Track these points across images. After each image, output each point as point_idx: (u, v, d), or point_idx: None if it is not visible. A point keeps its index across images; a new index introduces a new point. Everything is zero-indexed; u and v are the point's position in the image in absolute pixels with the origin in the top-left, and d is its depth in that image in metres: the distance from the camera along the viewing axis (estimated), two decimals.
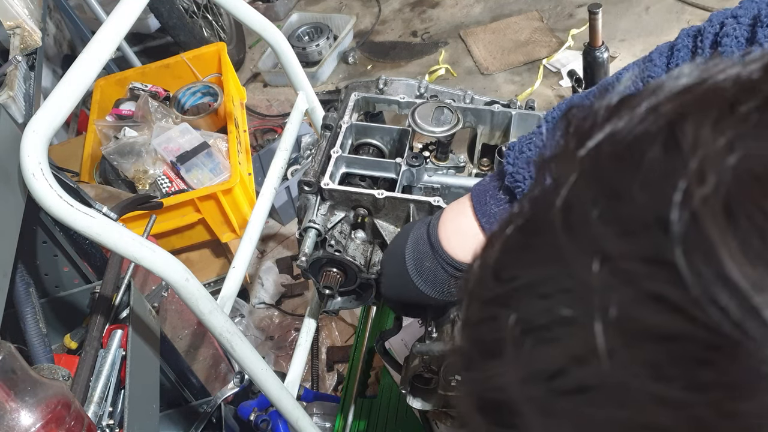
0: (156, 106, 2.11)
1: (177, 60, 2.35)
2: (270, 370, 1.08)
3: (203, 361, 1.62)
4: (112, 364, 1.03)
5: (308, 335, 1.27)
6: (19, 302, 1.04)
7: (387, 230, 0.97)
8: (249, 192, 1.98)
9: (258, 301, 2.26)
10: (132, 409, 0.97)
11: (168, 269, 0.88)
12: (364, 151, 1.07)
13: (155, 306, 1.26)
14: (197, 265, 2.09)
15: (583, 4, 2.91)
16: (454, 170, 1.03)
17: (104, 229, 0.81)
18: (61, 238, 1.13)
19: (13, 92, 1.18)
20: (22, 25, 1.29)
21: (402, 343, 1.26)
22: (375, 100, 1.11)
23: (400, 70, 3.02)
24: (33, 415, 0.75)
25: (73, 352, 1.10)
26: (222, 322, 0.97)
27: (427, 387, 0.97)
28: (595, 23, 2.17)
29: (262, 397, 1.47)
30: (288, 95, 2.95)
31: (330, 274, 0.98)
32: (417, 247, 0.77)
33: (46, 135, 0.79)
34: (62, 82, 0.83)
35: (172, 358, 1.29)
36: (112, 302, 1.10)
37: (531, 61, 2.82)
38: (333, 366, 2.02)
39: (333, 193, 0.97)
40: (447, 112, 0.99)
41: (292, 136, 1.33)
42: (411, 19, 3.28)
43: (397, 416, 1.38)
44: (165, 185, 1.99)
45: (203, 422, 1.37)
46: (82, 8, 2.65)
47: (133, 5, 0.95)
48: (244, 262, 1.12)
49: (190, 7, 2.77)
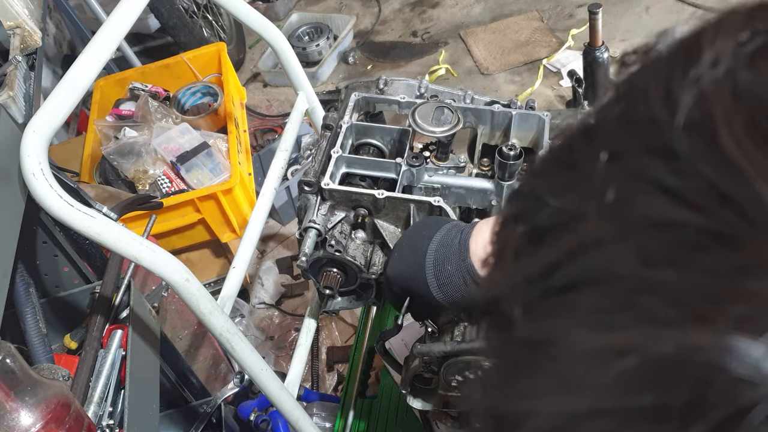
0: (156, 106, 2.11)
1: (177, 60, 2.35)
2: (270, 370, 1.08)
3: (203, 361, 1.62)
4: (112, 364, 1.03)
5: (308, 335, 1.27)
6: (19, 302, 1.04)
7: (387, 230, 0.97)
8: (249, 192, 1.98)
9: (258, 301, 2.26)
10: (132, 409, 0.97)
11: (168, 269, 0.88)
12: (364, 151, 1.07)
13: (155, 306, 1.26)
14: (197, 265, 2.09)
15: (583, 4, 2.91)
16: (455, 170, 1.03)
17: (104, 229, 0.81)
18: (61, 238, 1.13)
19: (13, 92, 1.18)
20: (22, 25, 1.29)
21: (402, 343, 1.26)
22: (375, 100, 1.11)
23: (400, 70, 3.02)
24: (33, 415, 0.75)
25: (73, 352, 1.10)
26: (222, 322, 0.97)
27: (428, 387, 0.97)
28: (595, 23, 2.18)
29: (262, 397, 1.47)
30: (288, 95, 2.95)
31: (330, 274, 0.98)
32: (443, 250, 0.77)
33: (46, 135, 0.79)
34: (62, 82, 0.83)
35: (172, 358, 1.29)
36: (112, 302, 1.10)
37: (531, 61, 2.82)
38: (333, 366, 2.02)
39: (333, 193, 0.97)
40: (447, 112, 0.99)
41: (292, 136, 1.33)
42: (411, 19, 3.28)
43: (397, 416, 1.38)
44: (165, 185, 1.99)
45: (203, 422, 1.37)
46: (82, 8, 2.65)
47: (133, 5, 0.95)
48: (244, 262, 1.12)
49: (190, 7, 2.76)
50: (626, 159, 0.23)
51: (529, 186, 0.29)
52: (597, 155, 0.24)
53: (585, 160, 0.25)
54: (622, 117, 0.25)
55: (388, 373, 1.42)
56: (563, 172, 0.26)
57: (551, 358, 0.23)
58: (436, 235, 0.79)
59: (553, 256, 0.24)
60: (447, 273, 0.76)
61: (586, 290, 0.22)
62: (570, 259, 0.23)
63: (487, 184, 0.99)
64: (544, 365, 0.24)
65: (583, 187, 0.24)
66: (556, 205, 0.25)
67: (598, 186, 0.23)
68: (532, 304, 0.25)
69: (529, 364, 0.24)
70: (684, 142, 0.21)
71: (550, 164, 0.29)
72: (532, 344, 0.24)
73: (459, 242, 0.76)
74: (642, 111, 0.23)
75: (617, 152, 0.23)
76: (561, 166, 0.27)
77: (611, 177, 0.23)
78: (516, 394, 0.25)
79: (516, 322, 0.25)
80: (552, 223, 0.25)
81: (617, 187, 0.22)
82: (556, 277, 0.23)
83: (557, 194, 0.25)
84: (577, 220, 0.24)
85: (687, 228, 0.20)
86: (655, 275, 0.21)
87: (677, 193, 0.21)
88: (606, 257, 0.22)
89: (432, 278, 0.77)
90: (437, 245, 0.78)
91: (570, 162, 0.26)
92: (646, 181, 0.22)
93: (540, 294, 0.24)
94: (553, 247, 0.24)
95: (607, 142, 0.24)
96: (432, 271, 0.77)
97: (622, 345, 0.20)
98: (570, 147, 0.27)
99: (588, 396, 0.21)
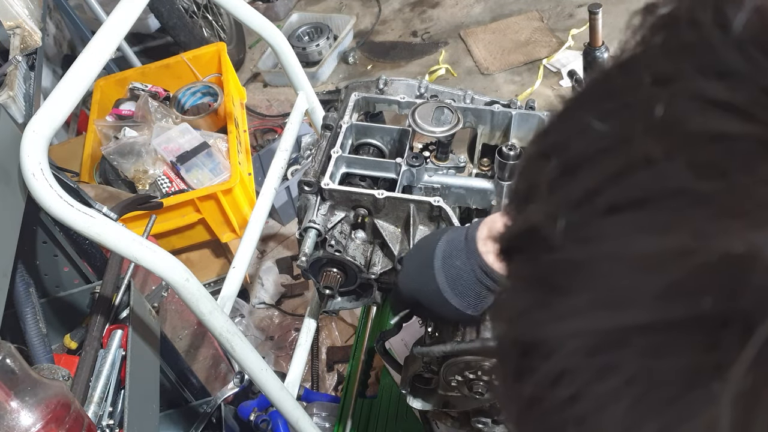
0: (156, 106, 2.11)
1: (177, 60, 2.35)
2: (270, 370, 1.08)
3: (203, 361, 1.62)
4: (112, 364, 1.03)
5: (308, 335, 1.27)
6: (19, 302, 1.04)
7: (387, 230, 0.97)
8: (249, 192, 1.98)
9: (258, 301, 2.26)
10: (132, 409, 0.97)
11: (168, 269, 0.88)
12: (364, 151, 1.07)
13: (155, 306, 1.26)
14: (197, 265, 2.09)
15: (583, 4, 2.91)
16: (455, 170, 1.03)
17: (104, 229, 0.81)
18: (61, 238, 1.13)
19: (13, 92, 1.18)
20: (22, 25, 1.29)
21: (402, 343, 1.27)
22: (375, 100, 1.11)
23: (400, 70, 3.02)
24: (33, 415, 0.75)
25: (73, 352, 1.10)
26: (222, 322, 0.97)
27: (428, 387, 0.97)
28: (595, 23, 2.17)
29: (262, 397, 1.47)
30: (288, 95, 2.95)
31: (330, 274, 0.98)
32: (450, 245, 0.75)
33: (46, 135, 0.79)
34: (62, 82, 0.83)
35: (172, 358, 1.29)
36: (112, 302, 1.10)
37: (531, 61, 2.82)
38: (333, 366, 2.02)
39: (333, 193, 0.97)
40: (447, 112, 0.99)
41: (292, 136, 1.33)
42: (411, 19, 3.28)
43: (397, 416, 1.38)
44: (165, 185, 1.99)
45: (203, 422, 1.37)
46: (82, 8, 2.65)
47: (133, 5, 0.95)
48: (244, 262, 1.12)
49: (190, 7, 2.76)
50: (674, 82, 0.22)
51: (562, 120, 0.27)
52: (640, 82, 0.23)
53: (626, 89, 0.23)
54: (665, 44, 0.24)
55: (388, 373, 1.42)
56: (602, 102, 0.25)
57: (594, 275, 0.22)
58: (442, 237, 0.77)
59: (595, 180, 0.23)
60: (456, 269, 0.74)
61: (635, 210, 0.21)
62: (614, 181, 0.22)
63: (487, 184, 0.99)
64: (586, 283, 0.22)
65: (627, 112, 0.23)
66: (600, 128, 0.23)
67: (645, 107, 0.22)
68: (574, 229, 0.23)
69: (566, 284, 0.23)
70: (740, 58, 0.20)
71: (584, 98, 0.27)
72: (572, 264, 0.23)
73: (466, 237, 0.74)
74: (690, 35, 0.22)
75: (663, 76, 0.22)
76: (598, 97, 0.25)
77: (658, 98, 0.22)
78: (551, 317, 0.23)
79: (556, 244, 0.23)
80: (592, 149, 0.23)
81: (666, 106, 0.21)
82: (599, 200, 0.22)
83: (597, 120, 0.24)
84: (622, 142, 0.22)
85: (742, 139, 0.20)
86: (710, 186, 0.20)
87: (731, 106, 0.20)
88: (656, 175, 0.21)
89: (441, 277, 0.74)
90: (444, 245, 0.76)
91: (608, 92, 0.25)
92: (698, 98, 0.21)
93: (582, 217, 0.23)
94: (595, 171, 0.23)
95: (650, 69, 0.23)
96: (440, 269, 0.75)
97: (682, 246, 0.19)
98: (606, 79, 0.26)
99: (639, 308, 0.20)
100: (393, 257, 0.96)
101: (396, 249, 0.96)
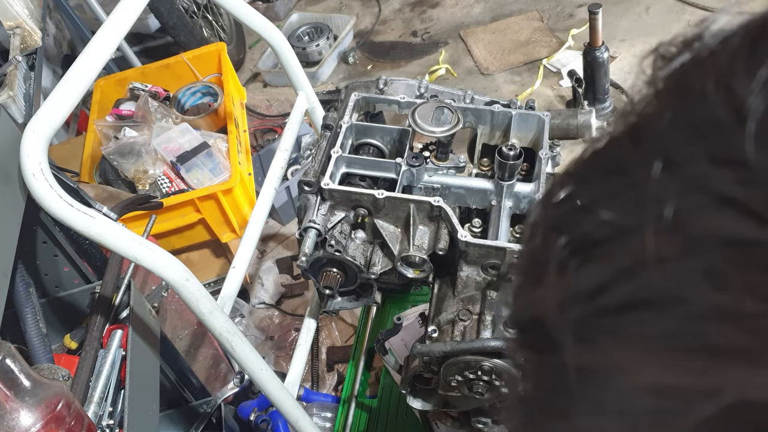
0: (156, 106, 2.11)
1: (177, 60, 2.35)
2: (270, 370, 1.08)
3: (203, 361, 1.62)
4: (112, 364, 1.02)
5: (308, 335, 1.27)
6: (19, 302, 1.04)
7: (387, 230, 0.97)
8: (249, 192, 1.98)
9: (258, 301, 2.26)
10: (132, 409, 0.97)
11: (168, 269, 0.88)
12: (364, 151, 1.07)
13: (155, 306, 1.26)
14: (197, 265, 2.09)
15: (583, 4, 2.91)
16: (455, 170, 1.03)
17: (104, 229, 0.81)
18: (61, 238, 1.13)
19: (13, 92, 1.18)
20: (22, 25, 1.29)
21: (402, 343, 1.27)
22: (375, 100, 1.11)
23: (400, 70, 3.02)
24: (33, 415, 0.75)
25: (73, 352, 1.10)
26: (222, 322, 0.97)
27: (428, 387, 0.97)
28: (595, 23, 2.18)
29: (262, 397, 1.47)
30: (288, 95, 2.95)
31: (330, 274, 0.98)
32: None
33: (46, 135, 0.79)
34: (62, 82, 0.83)
35: (172, 358, 1.29)
36: (112, 302, 1.10)
37: (531, 61, 2.82)
38: (333, 366, 2.02)
39: (333, 193, 0.97)
40: (447, 112, 0.99)
41: (292, 136, 1.33)
42: (411, 19, 3.28)
43: (397, 416, 1.38)
44: (165, 185, 1.99)
45: (203, 422, 1.37)
46: (82, 8, 2.65)
47: (133, 5, 0.95)
48: (244, 262, 1.12)
49: (190, 7, 2.76)
50: (685, 167, 0.20)
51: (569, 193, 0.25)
52: (649, 161, 0.21)
53: (635, 167, 0.22)
54: (675, 119, 0.22)
55: (388, 373, 1.42)
56: (610, 178, 0.23)
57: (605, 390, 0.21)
58: None
59: (606, 274, 0.21)
60: None
61: (646, 313, 0.20)
62: (626, 277, 0.21)
63: (486, 184, 0.99)
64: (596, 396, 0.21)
65: (635, 196, 0.21)
66: (606, 217, 0.22)
67: (655, 196, 0.20)
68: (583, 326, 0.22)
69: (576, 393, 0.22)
70: (756, 151, 0.19)
71: (592, 168, 0.26)
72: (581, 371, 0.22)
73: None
74: (699, 113, 0.21)
75: (673, 159, 0.21)
76: (606, 171, 0.24)
77: (669, 187, 0.20)
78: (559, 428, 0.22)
79: (564, 346, 0.22)
80: (601, 235, 0.22)
81: (677, 199, 0.20)
82: (609, 296, 0.21)
83: (606, 203, 0.22)
84: (631, 234, 0.21)
85: (761, 247, 0.18)
86: (728, 300, 0.18)
87: (750, 208, 0.19)
88: (669, 277, 0.20)
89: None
90: None
91: (617, 167, 0.23)
92: (712, 194, 0.19)
93: (591, 315, 0.22)
94: (606, 263, 0.22)
95: (659, 146, 0.22)
96: None
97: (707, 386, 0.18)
98: (615, 150, 0.24)
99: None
100: (393, 257, 0.96)
101: (396, 249, 0.96)
